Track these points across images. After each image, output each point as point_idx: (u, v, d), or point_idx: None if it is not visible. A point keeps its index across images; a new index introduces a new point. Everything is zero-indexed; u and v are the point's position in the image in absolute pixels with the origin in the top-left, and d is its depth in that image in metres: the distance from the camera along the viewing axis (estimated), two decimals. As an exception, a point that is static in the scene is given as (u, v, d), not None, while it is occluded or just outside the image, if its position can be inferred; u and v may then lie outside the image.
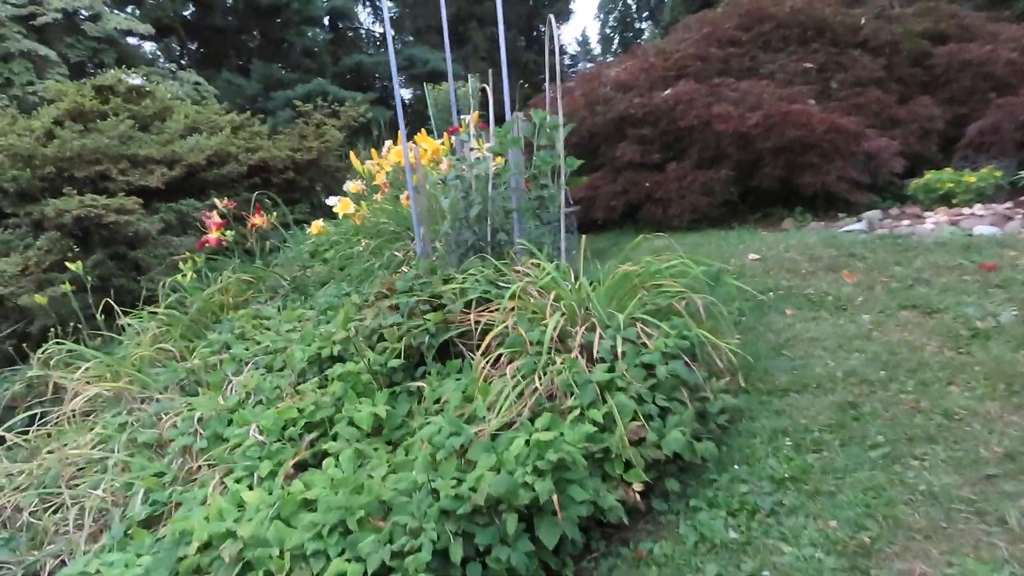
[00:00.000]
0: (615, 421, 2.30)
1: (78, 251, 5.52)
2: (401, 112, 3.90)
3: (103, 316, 4.83)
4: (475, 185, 3.93)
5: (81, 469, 3.39)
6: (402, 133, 3.89)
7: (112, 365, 4.07)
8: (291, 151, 6.98)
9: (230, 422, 3.01)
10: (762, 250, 4.22)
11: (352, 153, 4.93)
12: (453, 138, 5.17)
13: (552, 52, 3.35)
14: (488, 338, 2.86)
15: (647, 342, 2.63)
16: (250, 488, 2.54)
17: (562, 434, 2.25)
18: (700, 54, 5.36)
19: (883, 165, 4.42)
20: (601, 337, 2.70)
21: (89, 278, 5.42)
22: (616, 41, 33.93)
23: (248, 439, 2.79)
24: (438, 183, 4.43)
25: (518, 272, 3.35)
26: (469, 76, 11.78)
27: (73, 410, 3.90)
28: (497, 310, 3.10)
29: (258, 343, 3.87)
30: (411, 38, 30.09)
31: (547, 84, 3.66)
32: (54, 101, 6.31)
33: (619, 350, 2.54)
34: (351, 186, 4.92)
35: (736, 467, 2.35)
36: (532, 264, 3.33)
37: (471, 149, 4.09)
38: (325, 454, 2.62)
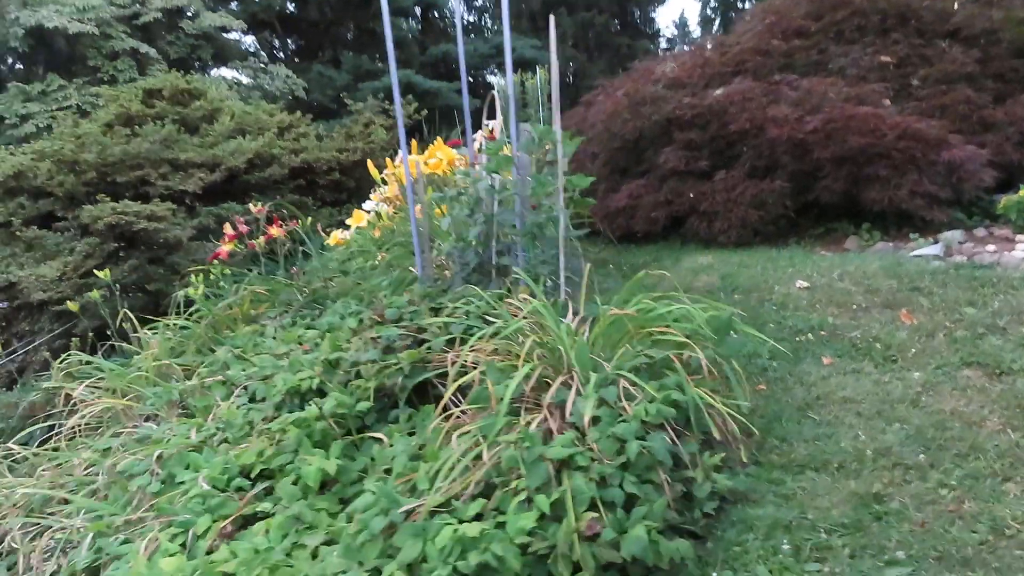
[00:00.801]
0: (567, 510, 1.92)
1: (120, 255, 5.57)
2: (401, 120, 3.60)
3: (129, 324, 4.81)
4: (486, 200, 3.59)
5: (73, 491, 3.32)
6: (402, 145, 3.59)
7: (121, 378, 4.01)
8: (337, 151, 6.85)
9: (188, 464, 2.82)
10: (813, 276, 3.67)
11: (369, 162, 4.68)
12: (480, 144, 4.84)
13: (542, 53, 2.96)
14: (452, 388, 2.53)
15: (627, 406, 2.22)
16: (183, 546, 2.34)
17: (502, 524, 1.90)
18: (761, 47, 4.78)
19: (968, 177, 3.75)
20: (579, 393, 2.32)
21: (118, 284, 5.47)
22: (717, 23, 32.40)
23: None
24: (460, 195, 4.11)
25: (511, 305, 2.99)
26: (537, 68, 11.44)
27: (78, 425, 3.87)
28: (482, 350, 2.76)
29: (255, 366, 3.69)
30: (496, 26, 29.84)
31: (553, 90, 3.26)
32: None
33: (587, 417, 2.15)
34: (374, 196, 4.69)
35: (715, 574, 1.92)
36: (524, 298, 2.97)
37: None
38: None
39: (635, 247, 5.12)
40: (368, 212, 4.51)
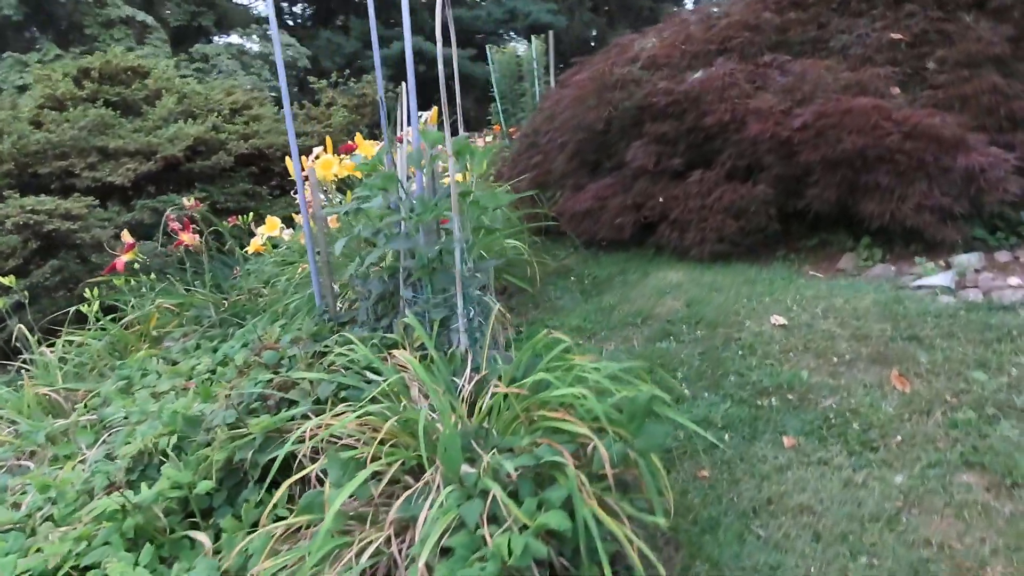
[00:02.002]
0: None
1: (42, 256, 5.07)
2: (289, 115, 2.97)
3: (36, 336, 4.31)
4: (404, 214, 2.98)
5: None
6: (292, 148, 2.99)
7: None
8: (296, 135, 6.24)
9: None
10: (793, 310, 3.02)
11: (288, 158, 4.06)
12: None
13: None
14: (284, 486, 1.96)
15: (487, 537, 1.64)
16: None
17: None
18: (750, 21, 4.04)
19: (991, 188, 3.04)
20: (441, 505, 1.74)
21: (41, 287, 4.97)
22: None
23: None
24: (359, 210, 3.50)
25: (395, 359, 2.41)
26: (533, 38, 10.65)
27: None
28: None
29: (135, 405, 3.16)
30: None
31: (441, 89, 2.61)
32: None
33: (423, 557, 1.57)
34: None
35: None
36: (408, 354, 2.37)
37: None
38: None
39: (603, 254, 4.47)
40: (271, 220, 3.92)
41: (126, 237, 3.87)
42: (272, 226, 3.79)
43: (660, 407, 1.95)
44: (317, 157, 3.71)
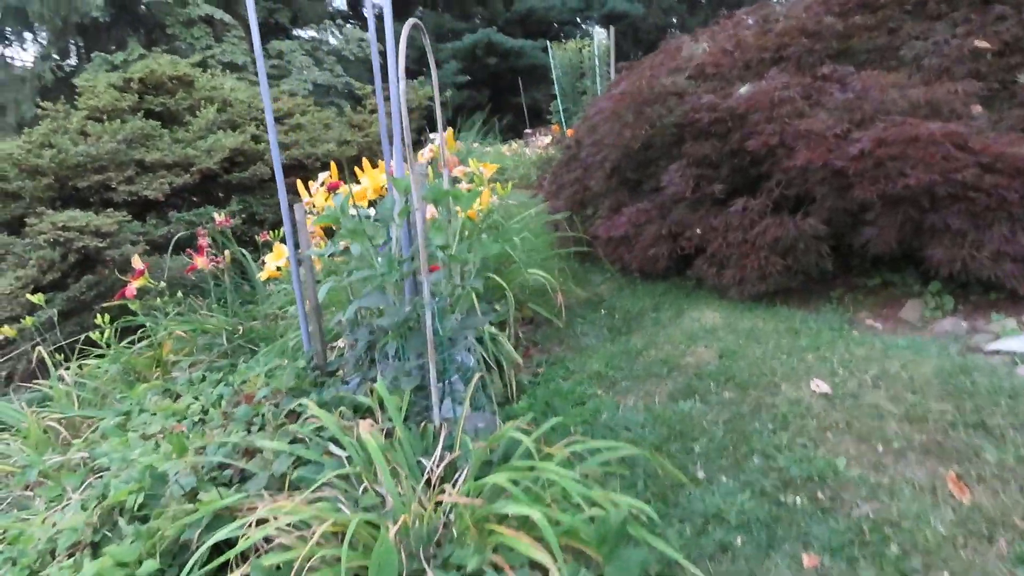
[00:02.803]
0: None
1: (78, 270, 5.09)
2: (275, 144, 2.75)
3: (62, 355, 4.30)
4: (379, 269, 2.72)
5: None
6: (277, 171, 2.76)
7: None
8: (337, 144, 6.10)
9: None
10: (838, 373, 2.59)
11: (300, 183, 3.84)
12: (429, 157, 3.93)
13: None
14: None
15: None
16: None
17: None
18: (809, 26, 3.56)
19: (1092, 231, 2.52)
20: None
21: (77, 302, 4.99)
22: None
23: None
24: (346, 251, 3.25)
25: (351, 428, 2.15)
26: (596, 32, 10.15)
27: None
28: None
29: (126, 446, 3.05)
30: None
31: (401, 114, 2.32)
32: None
33: None
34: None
35: None
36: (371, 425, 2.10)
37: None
38: None
39: (640, 283, 4.09)
40: (278, 248, 3.72)
41: (136, 263, 3.77)
42: (279, 254, 3.60)
43: (637, 530, 1.61)
44: (322, 184, 3.48)
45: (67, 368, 4.12)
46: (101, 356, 4.09)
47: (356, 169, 3.54)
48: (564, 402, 3.06)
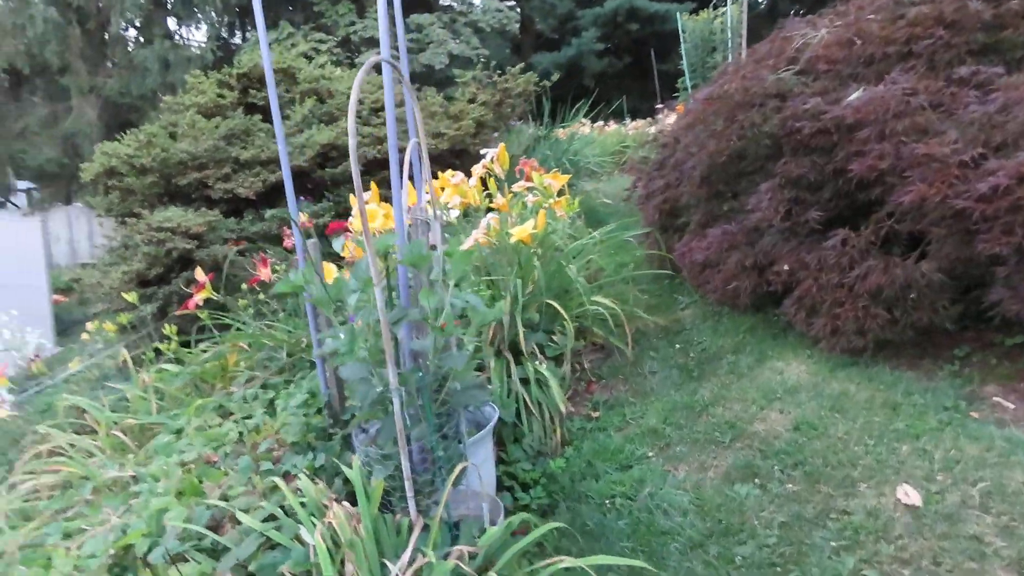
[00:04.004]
0: None
1: (178, 266, 5.29)
2: (286, 164, 2.54)
3: (154, 352, 4.46)
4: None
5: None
6: (287, 181, 2.56)
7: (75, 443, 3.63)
8: (432, 136, 5.90)
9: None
10: (936, 479, 2.05)
11: (373, 189, 3.59)
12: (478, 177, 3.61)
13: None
14: None
15: None
16: None
17: None
18: (946, 14, 2.84)
19: None
20: None
21: (175, 298, 5.17)
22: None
23: None
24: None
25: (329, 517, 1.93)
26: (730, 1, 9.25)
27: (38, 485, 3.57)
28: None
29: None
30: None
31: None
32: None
33: None
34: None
35: None
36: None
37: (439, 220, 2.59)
38: None
39: (727, 314, 3.57)
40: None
41: (199, 275, 3.77)
42: (329, 274, 3.45)
43: None
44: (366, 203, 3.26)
45: (157, 367, 4.22)
46: (178, 362, 4.20)
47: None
48: (608, 463, 2.70)
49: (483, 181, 3.67)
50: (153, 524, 2.37)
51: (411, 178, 2.63)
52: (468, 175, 3.71)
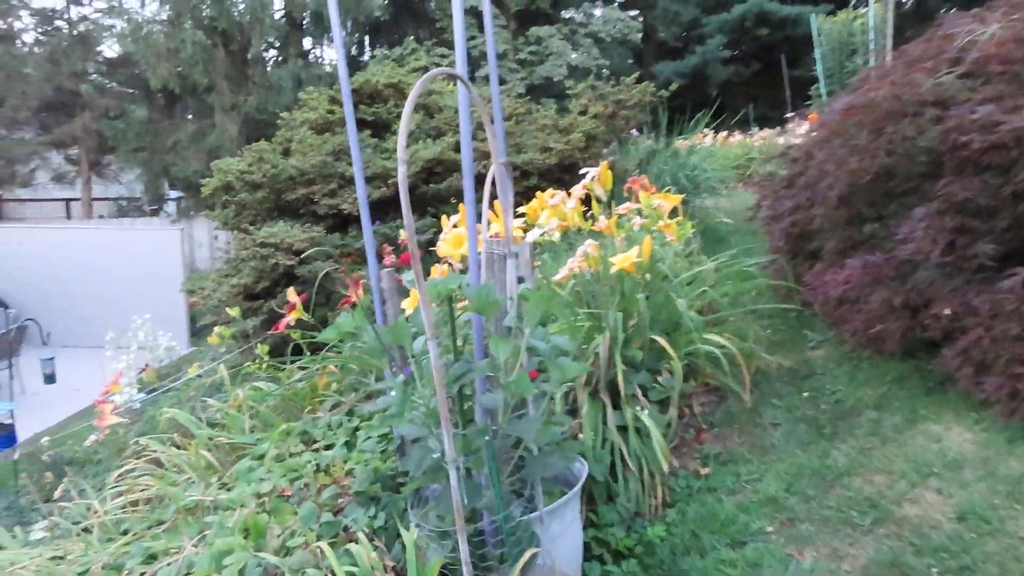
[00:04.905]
0: None
1: (284, 279, 5.31)
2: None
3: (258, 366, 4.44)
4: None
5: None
6: (362, 205, 2.35)
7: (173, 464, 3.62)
8: (540, 151, 5.65)
9: None
10: None
11: (444, 219, 3.36)
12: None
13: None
14: None
15: None
16: None
17: None
18: None
19: None
20: None
21: (251, 320, 5.13)
22: None
23: None
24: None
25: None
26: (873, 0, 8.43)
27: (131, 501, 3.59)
28: None
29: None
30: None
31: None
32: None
33: None
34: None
35: None
36: None
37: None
38: None
39: (866, 358, 3.04)
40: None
41: (291, 296, 3.69)
42: (414, 302, 3.25)
43: None
44: (454, 225, 3.02)
45: (250, 385, 4.18)
46: (274, 379, 4.14)
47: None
48: (717, 535, 2.30)
49: (586, 200, 3.35)
50: (214, 566, 2.25)
51: (494, 200, 2.37)
52: (569, 194, 3.41)
